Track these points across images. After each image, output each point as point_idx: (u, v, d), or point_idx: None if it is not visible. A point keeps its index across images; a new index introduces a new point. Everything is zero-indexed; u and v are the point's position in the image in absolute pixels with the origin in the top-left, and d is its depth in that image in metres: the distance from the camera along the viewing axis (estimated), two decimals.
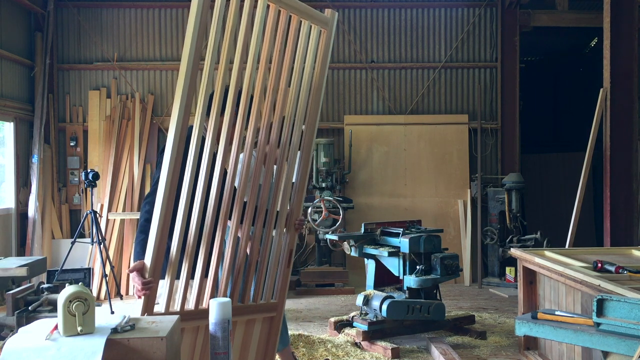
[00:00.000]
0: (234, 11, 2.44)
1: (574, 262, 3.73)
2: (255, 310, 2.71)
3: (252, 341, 2.71)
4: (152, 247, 2.26)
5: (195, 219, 2.39)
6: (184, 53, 2.31)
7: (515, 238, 7.55)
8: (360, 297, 4.96)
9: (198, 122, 2.39)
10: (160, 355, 1.64)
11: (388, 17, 8.38)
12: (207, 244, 2.44)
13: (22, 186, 7.57)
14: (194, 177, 2.37)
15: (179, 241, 2.34)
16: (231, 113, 2.47)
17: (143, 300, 2.26)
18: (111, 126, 7.78)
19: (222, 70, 2.46)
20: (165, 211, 2.27)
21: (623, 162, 5.83)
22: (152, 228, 2.27)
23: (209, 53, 2.37)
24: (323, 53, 2.99)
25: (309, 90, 2.92)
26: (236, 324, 2.59)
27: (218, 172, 2.46)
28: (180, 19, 8.18)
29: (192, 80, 2.32)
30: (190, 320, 2.38)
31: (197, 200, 2.40)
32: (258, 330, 2.75)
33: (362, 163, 8.16)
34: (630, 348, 2.29)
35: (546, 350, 4.15)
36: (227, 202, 2.51)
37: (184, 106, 2.31)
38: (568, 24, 8.39)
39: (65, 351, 1.59)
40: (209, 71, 2.39)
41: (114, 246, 7.39)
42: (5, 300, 3.13)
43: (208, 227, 2.44)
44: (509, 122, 8.31)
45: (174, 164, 2.30)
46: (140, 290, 2.26)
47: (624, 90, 5.83)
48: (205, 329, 2.39)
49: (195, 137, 2.38)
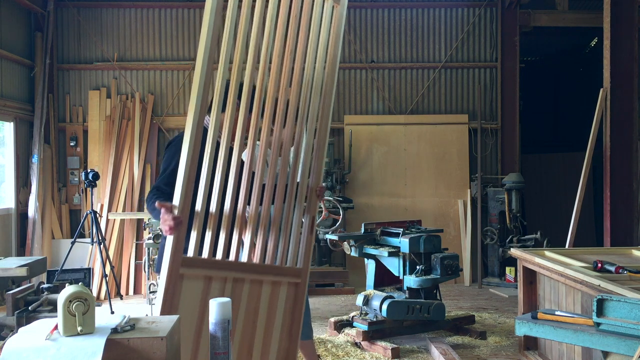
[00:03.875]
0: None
1: (574, 262, 3.73)
2: (280, 272, 2.72)
3: (278, 306, 2.71)
4: (180, 189, 2.26)
5: (217, 184, 2.41)
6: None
7: (515, 238, 7.55)
8: (360, 297, 4.96)
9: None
10: (160, 355, 1.64)
11: (388, 17, 8.38)
12: (231, 204, 2.46)
13: (22, 186, 7.57)
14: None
15: (203, 196, 2.35)
16: (248, 92, 2.50)
17: (172, 242, 2.24)
18: (111, 126, 7.78)
19: (239, 46, 2.49)
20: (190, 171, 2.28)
21: (623, 162, 5.83)
22: (179, 175, 2.27)
23: (227, 29, 2.41)
24: (336, 28, 3.04)
25: (323, 64, 2.96)
26: (262, 284, 2.61)
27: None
28: (180, 19, 8.18)
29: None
30: (218, 270, 2.40)
31: (218, 175, 2.42)
32: (284, 294, 2.75)
33: (362, 163, 8.16)
34: (630, 348, 2.29)
35: (546, 350, 4.15)
36: (248, 177, 2.56)
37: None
38: (568, 24, 8.39)
39: (65, 351, 1.59)
40: (226, 50, 2.42)
41: (114, 246, 7.39)
42: (5, 300, 3.13)
43: (231, 193, 2.47)
44: (509, 122, 8.31)
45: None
46: (170, 228, 2.22)
47: (624, 90, 5.84)
48: (234, 281, 2.45)
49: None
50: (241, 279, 2.51)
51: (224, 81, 2.44)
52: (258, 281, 2.59)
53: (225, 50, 2.42)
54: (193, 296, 2.33)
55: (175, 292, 2.26)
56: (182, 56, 8.17)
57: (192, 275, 2.33)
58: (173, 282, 2.25)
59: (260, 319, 2.60)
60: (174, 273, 2.25)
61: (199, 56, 2.35)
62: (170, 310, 2.22)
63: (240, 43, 2.50)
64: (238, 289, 2.50)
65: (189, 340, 2.29)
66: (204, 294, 2.36)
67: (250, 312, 2.55)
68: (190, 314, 2.31)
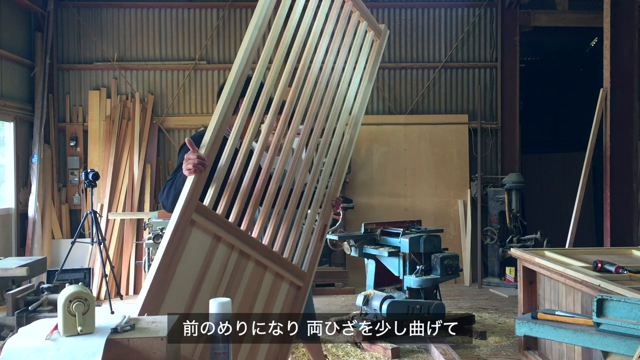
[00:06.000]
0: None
1: (574, 262, 3.73)
2: (285, 266, 2.69)
3: (277, 300, 2.68)
4: (210, 135, 2.29)
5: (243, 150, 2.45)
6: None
7: (515, 238, 7.55)
8: (360, 297, 4.96)
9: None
10: (160, 355, 1.64)
11: (388, 17, 8.38)
12: (252, 175, 2.49)
13: (22, 186, 7.57)
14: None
15: (228, 156, 2.39)
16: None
17: (191, 184, 2.22)
18: (111, 126, 7.78)
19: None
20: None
21: (623, 162, 5.83)
22: (211, 123, 2.34)
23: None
24: (373, 61, 3.14)
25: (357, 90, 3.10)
26: (266, 270, 2.59)
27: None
28: (181, 19, 8.18)
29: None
30: (228, 234, 2.39)
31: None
32: (284, 292, 2.72)
33: (362, 163, 8.15)
34: (630, 348, 2.29)
35: (546, 350, 4.15)
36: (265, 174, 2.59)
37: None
38: (568, 24, 8.38)
39: (65, 351, 1.59)
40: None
41: (114, 246, 7.39)
42: (5, 300, 3.13)
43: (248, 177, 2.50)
44: (509, 122, 8.31)
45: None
46: (194, 166, 2.21)
47: (624, 90, 5.83)
48: (240, 253, 2.44)
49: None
50: (247, 254, 2.48)
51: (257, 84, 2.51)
52: (263, 265, 2.56)
53: (264, 58, 2.52)
54: (199, 249, 2.29)
55: (183, 236, 2.22)
56: (182, 56, 8.16)
57: (203, 227, 2.29)
58: (184, 224, 2.21)
59: (257, 305, 2.56)
60: (186, 215, 2.21)
61: (239, 56, 2.43)
62: (175, 254, 2.19)
63: (280, 52, 2.60)
64: (242, 263, 2.46)
65: (185, 294, 2.25)
66: (210, 251, 2.32)
67: (250, 293, 2.51)
68: (192, 265, 2.26)
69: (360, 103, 3.18)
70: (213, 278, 2.34)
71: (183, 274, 2.22)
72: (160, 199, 2.60)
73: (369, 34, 3.09)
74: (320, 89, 2.84)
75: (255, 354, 2.50)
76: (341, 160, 3.12)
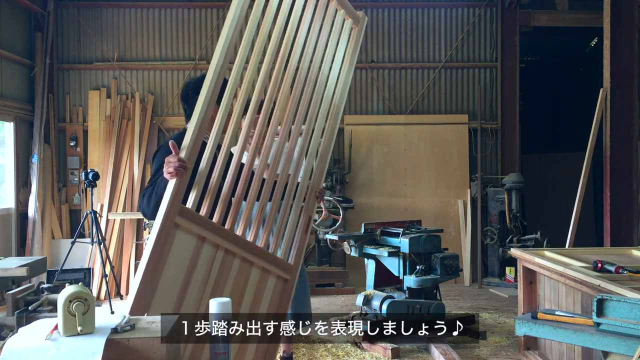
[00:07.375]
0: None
1: (574, 262, 3.73)
2: (271, 261, 2.70)
3: (265, 295, 2.68)
4: (190, 137, 2.29)
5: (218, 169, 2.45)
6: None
7: (515, 238, 7.55)
8: (360, 297, 4.96)
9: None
10: (160, 355, 1.64)
11: (388, 17, 8.38)
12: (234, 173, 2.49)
13: (22, 186, 7.57)
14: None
15: (208, 158, 2.38)
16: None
17: (173, 188, 2.21)
18: (111, 126, 7.78)
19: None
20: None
21: (623, 162, 5.83)
22: (191, 123, 2.34)
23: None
24: (352, 48, 3.17)
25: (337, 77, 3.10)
26: (252, 266, 2.59)
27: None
28: (181, 19, 8.18)
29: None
30: (213, 234, 2.38)
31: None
32: (271, 286, 2.72)
33: (362, 163, 8.15)
34: (630, 348, 2.29)
35: (546, 350, 4.15)
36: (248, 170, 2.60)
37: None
38: (568, 24, 8.38)
39: (65, 351, 1.59)
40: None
41: (114, 246, 7.39)
42: (5, 300, 3.13)
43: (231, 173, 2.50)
44: (509, 122, 8.31)
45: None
46: (174, 169, 2.19)
47: (624, 90, 5.83)
48: (226, 251, 2.44)
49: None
50: (232, 252, 2.48)
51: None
52: (249, 262, 2.57)
53: (241, 56, 2.51)
54: (184, 251, 2.28)
55: (167, 239, 2.21)
56: (182, 56, 8.16)
57: (187, 229, 2.29)
58: (167, 228, 2.20)
59: (245, 302, 2.57)
60: (169, 219, 2.21)
61: (216, 55, 2.42)
62: (160, 257, 2.18)
63: (257, 49, 2.59)
64: (228, 261, 2.47)
65: (173, 295, 2.25)
66: (195, 253, 2.32)
67: (237, 291, 2.51)
68: (178, 268, 2.26)
69: (340, 92, 3.17)
70: (200, 278, 2.35)
71: (169, 278, 2.23)
72: (140, 206, 2.56)
73: (347, 22, 3.10)
74: (300, 80, 2.83)
75: (244, 353, 2.51)
76: (323, 151, 3.12)
